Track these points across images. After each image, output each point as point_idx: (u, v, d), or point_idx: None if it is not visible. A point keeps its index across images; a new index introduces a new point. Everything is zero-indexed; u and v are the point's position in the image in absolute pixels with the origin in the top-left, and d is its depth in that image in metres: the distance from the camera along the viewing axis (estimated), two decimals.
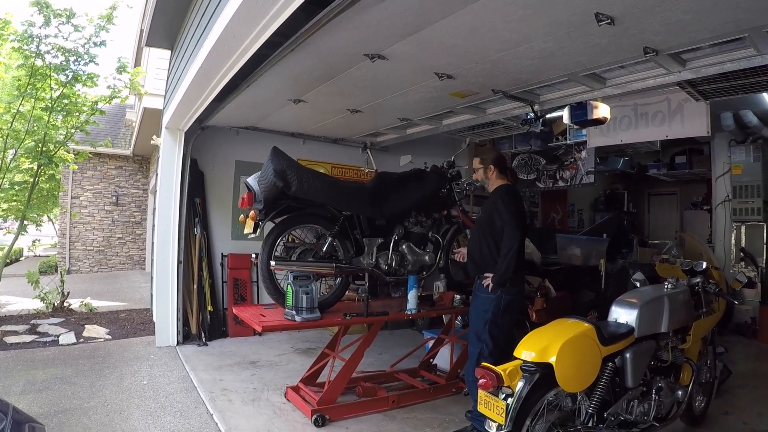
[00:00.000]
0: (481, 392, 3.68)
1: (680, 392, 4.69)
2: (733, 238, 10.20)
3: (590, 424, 3.95)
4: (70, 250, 20.78)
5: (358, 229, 6.31)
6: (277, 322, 5.64)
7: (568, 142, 10.33)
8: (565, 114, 7.13)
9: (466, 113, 7.97)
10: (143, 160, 22.03)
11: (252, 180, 5.84)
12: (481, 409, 3.71)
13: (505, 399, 3.55)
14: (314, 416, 5.60)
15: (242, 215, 5.97)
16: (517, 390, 3.57)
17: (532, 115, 7.16)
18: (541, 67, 5.73)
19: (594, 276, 9.22)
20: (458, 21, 4.52)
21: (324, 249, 6.05)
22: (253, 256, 6.19)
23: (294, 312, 5.54)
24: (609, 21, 4.29)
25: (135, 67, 14.14)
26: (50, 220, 19.98)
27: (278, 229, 5.87)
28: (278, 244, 5.84)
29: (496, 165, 5.57)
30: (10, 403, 3.19)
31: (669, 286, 4.84)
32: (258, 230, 5.76)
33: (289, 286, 5.59)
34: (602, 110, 6.80)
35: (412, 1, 4.17)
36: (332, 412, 5.76)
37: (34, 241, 13.79)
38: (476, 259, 5.46)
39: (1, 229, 15.18)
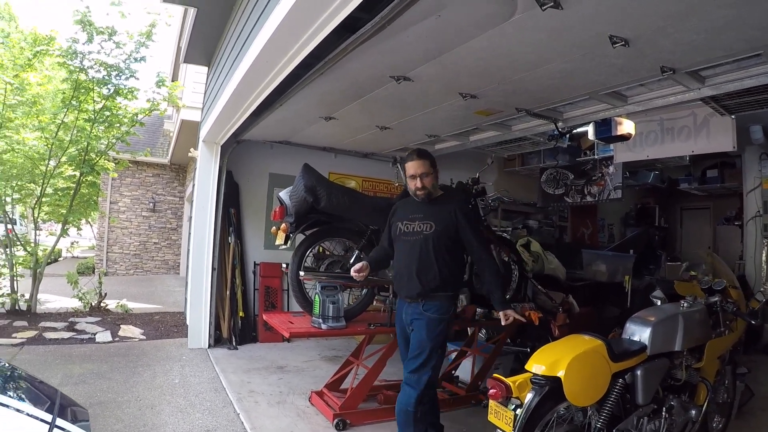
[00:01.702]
0: (491, 402, 3.81)
1: (694, 412, 4.70)
2: (764, 254, 9.98)
3: None
4: (107, 253, 21.34)
5: None
6: (304, 329, 5.86)
7: (596, 157, 10.37)
8: (590, 130, 7.20)
9: (492, 130, 8.08)
10: (180, 169, 22.55)
11: (284, 194, 6.06)
12: (490, 418, 3.83)
13: (514, 410, 3.67)
14: (335, 420, 5.77)
15: (274, 227, 6.19)
16: (526, 401, 3.68)
17: (556, 131, 7.28)
18: (562, 87, 5.83)
19: (619, 292, 9.15)
20: (477, 45, 4.66)
21: (351, 261, 6.20)
22: (284, 265, 6.39)
23: (320, 320, 5.74)
24: (623, 43, 4.39)
25: (173, 79, 14.50)
26: (89, 223, 20.40)
27: (308, 241, 6.09)
28: (308, 256, 6.05)
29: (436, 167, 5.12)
30: (57, 389, 3.44)
31: (686, 304, 4.87)
32: (289, 242, 5.99)
33: (316, 296, 5.79)
34: (627, 126, 6.87)
35: (432, 28, 4.33)
36: (353, 417, 5.93)
37: (72, 243, 14.20)
38: (424, 279, 4.79)
39: (41, 230, 15.63)
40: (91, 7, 10.82)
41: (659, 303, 5.17)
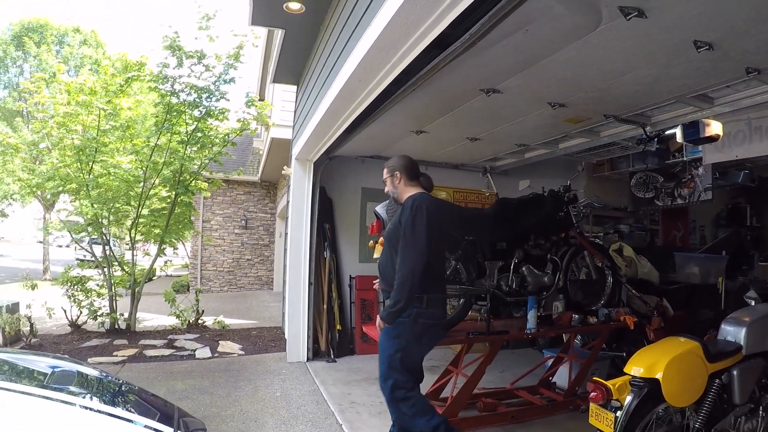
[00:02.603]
0: (591, 405, 3.94)
1: None
2: None
3: None
4: (201, 270, 21.91)
5: (480, 253, 6.51)
6: None
7: (685, 159, 10.26)
8: (678, 133, 7.19)
9: (581, 137, 8.09)
10: (270, 186, 23.01)
11: (380, 208, 6.16)
12: (591, 421, 3.95)
13: (614, 412, 3.79)
14: None
15: (371, 241, 6.37)
16: (626, 403, 3.81)
17: (644, 135, 7.28)
18: (648, 92, 5.86)
19: (713, 294, 9.08)
20: (564, 56, 4.78)
21: (448, 272, 6.26)
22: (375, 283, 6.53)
23: None
24: (707, 47, 4.43)
25: (259, 98, 14.71)
26: (181, 242, 21.08)
27: None
28: None
29: (405, 171, 5.26)
30: (173, 404, 3.67)
31: None
32: None
33: None
34: (714, 128, 6.84)
35: (520, 42, 4.45)
36: (455, 424, 5.86)
37: (166, 262, 14.63)
38: (387, 276, 5.06)
39: (137, 249, 16.24)
40: (180, 32, 11.17)
41: (753, 303, 5.18)
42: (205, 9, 11.10)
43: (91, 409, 2.89)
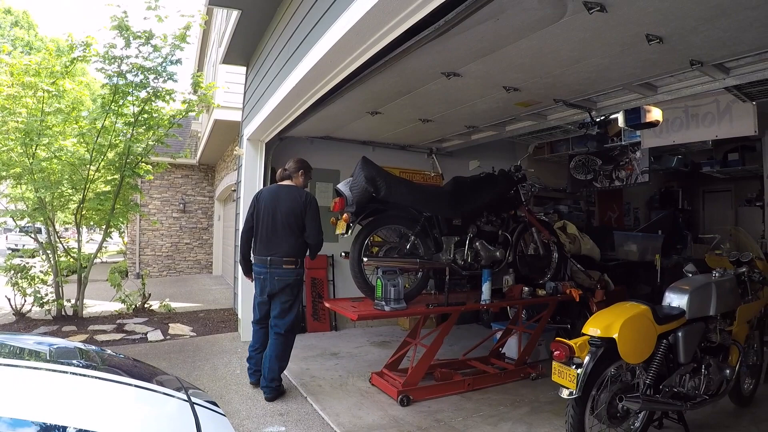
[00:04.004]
0: (554, 363, 4.31)
1: (728, 371, 5.20)
2: None
3: (648, 394, 4.54)
4: (140, 255, 21.64)
5: (437, 229, 6.80)
6: (370, 312, 6.18)
7: (623, 143, 10.70)
8: (620, 118, 7.55)
9: (529, 120, 8.42)
10: (209, 169, 22.82)
11: (343, 186, 6.38)
12: (554, 378, 4.31)
13: (576, 368, 4.17)
14: (400, 396, 6.18)
15: (333, 218, 6.53)
16: (586, 360, 4.20)
17: (589, 120, 7.67)
18: (599, 79, 6.25)
19: (650, 271, 9.55)
20: (527, 44, 5.10)
21: (407, 247, 6.59)
22: (342, 254, 6.74)
23: (383, 303, 6.06)
24: (658, 40, 4.85)
25: (196, 72, 14.54)
26: (116, 228, 20.63)
27: (367, 229, 6.42)
28: (366, 243, 6.41)
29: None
30: (174, 375, 3.71)
31: (717, 275, 5.39)
32: (349, 231, 6.30)
33: (378, 280, 6.10)
34: (655, 114, 7.24)
35: (489, 30, 4.74)
36: (415, 393, 6.34)
37: (100, 249, 14.28)
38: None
39: (63, 237, 15.72)
40: (128, 12, 10.97)
41: (691, 275, 5.64)
42: None
43: (117, 381, 2.89)
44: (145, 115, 11.87)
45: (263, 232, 6.52)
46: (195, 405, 2.87)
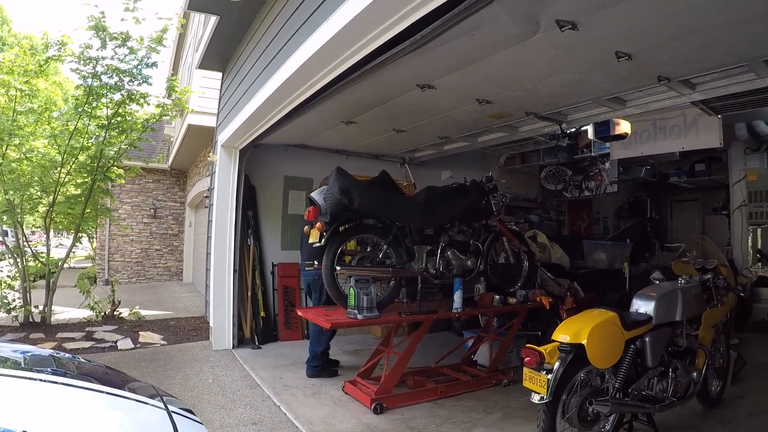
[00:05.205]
0: (525, 369, 4.41)
1: (695, 374, 5.36)
2: (750, 240, 10.58)
3: (617, 397, 4.65)
4: (109, 261, 21.24)
5: (409, 238, 6.86)
6: (343, 320, 6.21)
7: (593, 154, 10.88)
8: (590, 130, 7.73)
9: (501, 131, 8.54)
10: (180, 174, 22.52)
11: (317, 195, 6.42)
12: (526, 384, 4.41)
13: (546, 374, 4.27)
14: (373, 404, 6.20)
15: (307, 226, 6.52)
16: (555, 366, 4.31)
17: (560, 132, 7.80)
18: (570, 93, 6.41)
19: (618, 279, 9.77)
20: (501, 58, 5.21)
21: (380, 256, 6.66)
22: (316, 263, 6.79)
23: (356, 311, 6.09)
24: (627, 57, 5.02)
25: (171, 76, 14.38)
26: (86, 233, 20.29)
27: (340, 238, 6.45)
28: (340, 252, 6.44)
29: None
30: (149, 383, 3.71)
31: (683, 281, 5.55)
32: (323, 239, 6.29)
33: (351, 289, 6.13)
34: (624, 127, 7.44)
35: (464, 44, 4.84)
36: (388, 401, 6.37)
37: (69, 254, 13.98)
38: None
39: (30, 241, 15.43)
40: (105, 13, 10.79)
41: (658, 282, 5.79)
42: None
43: (92, 389, 2.90)
44: (119, 118, 11.74)
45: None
46: (172, 413, 2.90)
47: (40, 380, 2.86)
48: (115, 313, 12.15)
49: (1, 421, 2.22)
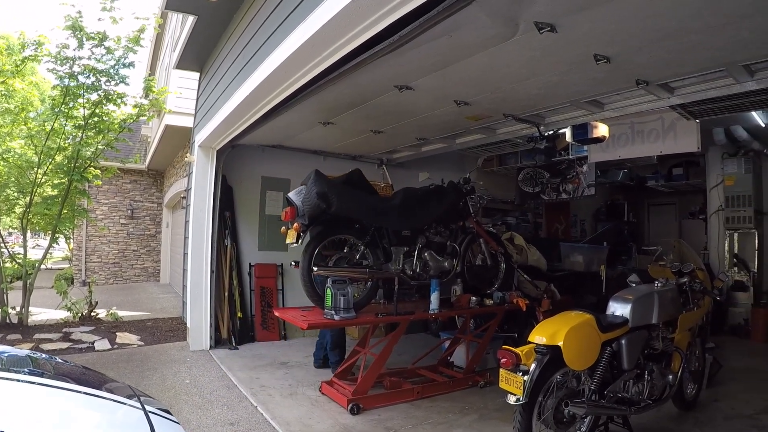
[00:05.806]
0: (502, 371, 4.41)
1: (671, 377, 5.38)
2: (726, 244, 10.72)
3: (593, 399, 4.66)
4: (86, 262, 21.09)
5: (387, 239, 6.85)
6: (320, 321, 6.21)
7: (571, 157, 10.93)
8: (567, 133, 7.74)
9: (479, 133, 8.57)
10: (158, 175, 22.45)
11: (294, 195, 6.39)
12: (502, 385, 4.40)
13: (522, 375, 4.27)
14: (350, 405, 6.20)
15: (284, 227, 6.53)
16: (532, 368, 4.30)
17: (537, 134, 7.83)
18: (547, 95, 6.42)
19: (595, 281, 9.77)
20: (478, 60, 5.22)
21: (357, 257, 6.65)
22: (293, 263, 6.76)
23: (333, 312, 6.09)
24: (605, 60, 5.04)
25: (148, 76, 14.33)
26: (63, 234, 20.09)
27: (317, 239, 6.43)
28: (317, 253, 6.44)
29: None
30: (126, 383, 3.71)
31: (659, 284, 5.57)
32: (300, 240, 6.31)
33: (328, 289, 6.12)
34: (602, 130, 7.46)
35: (442, 45, 4.83)
36: (365, 401, 6.36)
37: (45, 255, 13.84)
38: None
39: (7, 243, 15.29)
40: (83, 12, 10.69)
41: (635, 285, 5.82)
42: None
43: (69, 390, 2.88)
44: (96, 119, 11.68)
45: None
46: (149, 413, 2.88)
47: (17, 380, 2.85)
48: (93, 314, 12.06)
49: None
